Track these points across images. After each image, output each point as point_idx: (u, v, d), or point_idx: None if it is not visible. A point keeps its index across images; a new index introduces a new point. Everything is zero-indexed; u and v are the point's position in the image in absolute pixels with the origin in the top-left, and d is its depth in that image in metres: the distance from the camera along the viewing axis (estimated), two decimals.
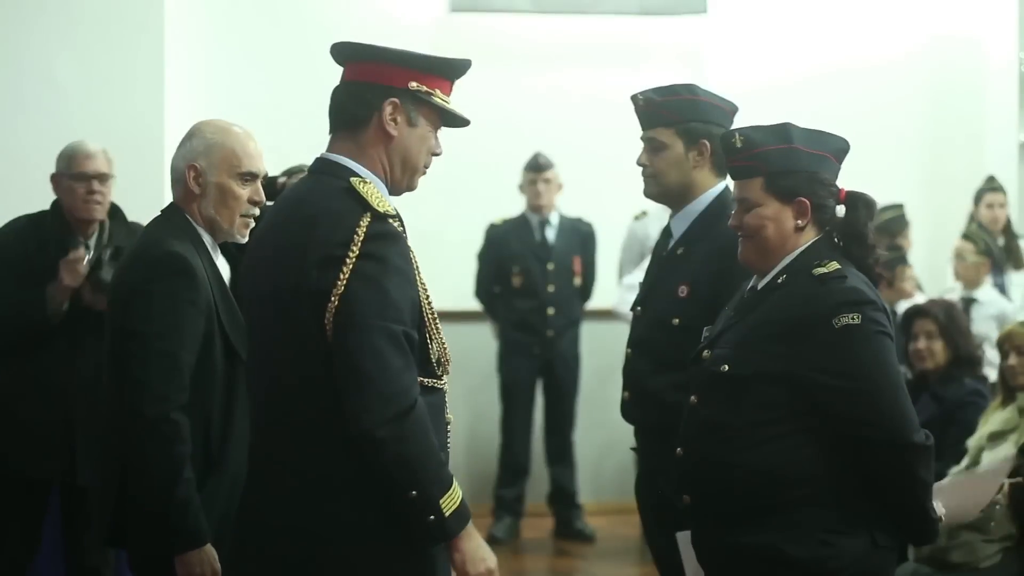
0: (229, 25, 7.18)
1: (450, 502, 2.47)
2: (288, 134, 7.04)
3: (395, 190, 2.68)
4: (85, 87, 6.27)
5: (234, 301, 3.11)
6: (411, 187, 2.70)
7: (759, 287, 2.90)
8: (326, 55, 2.81)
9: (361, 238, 2.46)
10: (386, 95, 2.62)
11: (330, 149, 2.66)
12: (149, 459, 2.93)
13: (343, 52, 2.70)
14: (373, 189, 2.55)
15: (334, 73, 2.90)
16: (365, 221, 2.48)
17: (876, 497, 2.79)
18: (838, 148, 2.90)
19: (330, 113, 2.68)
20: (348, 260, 2.45)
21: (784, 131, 2.86)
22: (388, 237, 2.49)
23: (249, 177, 3.16)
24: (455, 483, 2.51)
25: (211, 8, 7.11)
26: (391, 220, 2.52)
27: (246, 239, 3.15)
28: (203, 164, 3.13)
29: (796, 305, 2.79)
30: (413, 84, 2.63)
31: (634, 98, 3.49)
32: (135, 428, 2.94)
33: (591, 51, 7.61)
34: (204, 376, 3.01)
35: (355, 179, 2.56)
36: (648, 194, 3.52)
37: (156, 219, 3.19)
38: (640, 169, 3.51)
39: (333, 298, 2.45)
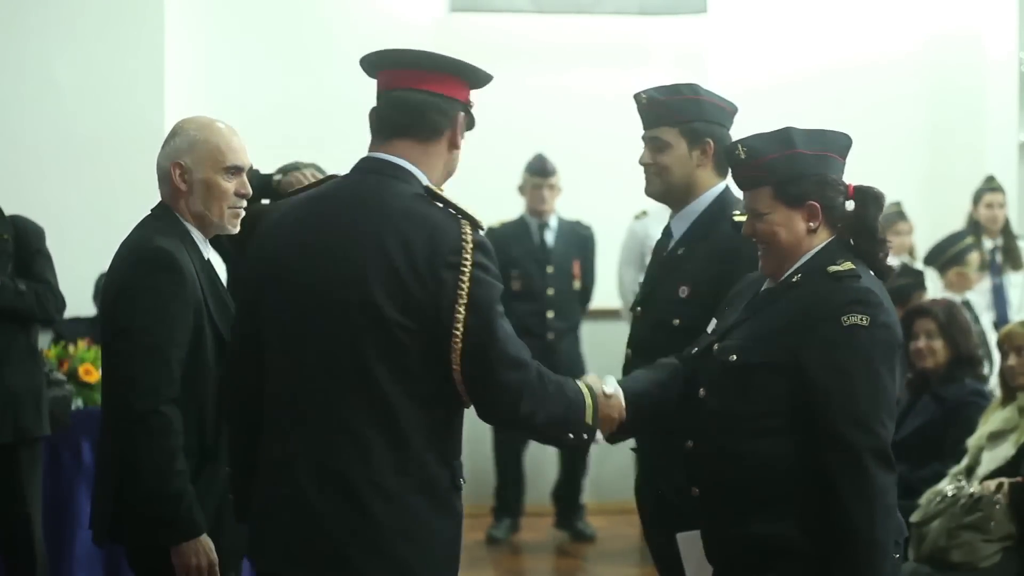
0: (229, 25, 7.18)
1: (588, 417, 2.73)
2: (287, 132, 7.06)
3: None
4: (85, 87, 6.28)
5: (225, 295, 3.15)
6: None
7: (774, 285, 2.90)
8: (325, 55, 2.85)
9: (470, 247, 2.56)
10: (458, 108, 2.72)
11: (392, 151, 2.68)
12: (140, 453, 2.95)
13: (411, 59, 2.72)
14: (454, 197, 2.65)
15: (333, 72, 2.92)
16: (468, 230, 2.58)
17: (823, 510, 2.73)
18: (840, 145, 2.90)
19: (397, 117, 2.69)
20: (464, 270, 2.54)
21: (786, 137, 2.85)
22: (487, 245, 2.61)
23: (234, 170, 3.18)
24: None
25: (211, 8, 7.11)
26: (480, 229, 2.63)
27: (237, 229, 3.21)
28: (188, 161, 3.16)
29: (809, 301, 2.79)
30: (469, 98, 2.75)
31: (637, 97, 3.48)
32: (126, 423, 2.98)
33: (591, 51, 7.62)
34: (196, 369, 3.02)
35: (430, 187, 2.65)
36: (650, 192, 3.51)
37: (145, 218, 3.21)
38: (640, 168, 3.50)
39: (459, 308, 2.52)
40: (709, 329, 3.03)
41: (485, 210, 7.76)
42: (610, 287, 7.13)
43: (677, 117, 3.41)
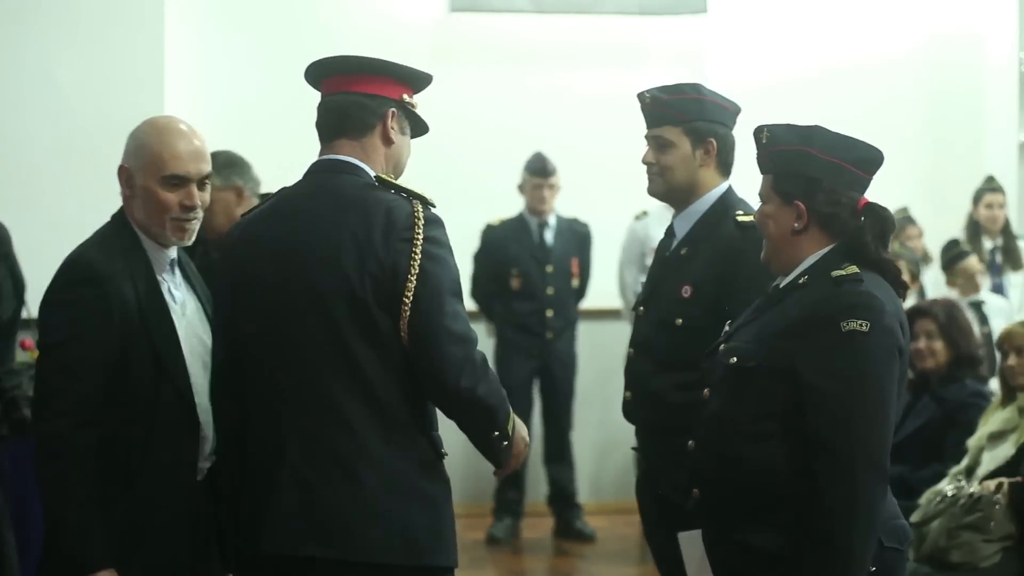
0: (229, 25, 7.18)
1: (510, 426, 2.84)
2: (287, 132, 7.05)
3: None
4: (85, 87, 6.27)
5: (169, 311, 2.91)
6: None
7: (781, 286, 2.89)
8: (326, 55, 2.88)
9: (421, 223, 2.72)
10: (387, 105, 2.87)
11: (335, 152, 2.87)
12: (42, 478, 2.77)
13: (343, 65, 2.90)
14: (404, 182, 2.82)
15: None
16: (419, 207, 2.74)
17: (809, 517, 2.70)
18: (859, 158, 2.85)
19: (331, 120, 2.89)
20: (416, 243, 2.70)
21: (807, 133, 2.84)
22: (439, 221, 2.77)
23: (176, 180, 2.90)
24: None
25: (211, 8, 7.12)
26: (431, 206, 2.79)
27: (186, 242, 2.98)
28: (131, 165, 2.94)
29: (810, 304, 2.77)
30: (405, 96, 2.90)
31: (640, 96, 3.49)
32: (37, 445, 2.79)
33: (591, 51, 7.61)
34: (121, 389, 2.81)
35: (380, 175, 2.83)
36: (653, 192, 3.52)
37: (103, 227, 3.00)
38: (642, 168, 3.50)
39: (411, 278, 2.68)
40: (725, 330, 3.02)
41: (484, 209, 7.75)
42: (609, 287, 7.13)
43: (680, 116, 3.42)
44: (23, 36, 6.26)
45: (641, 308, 3.55)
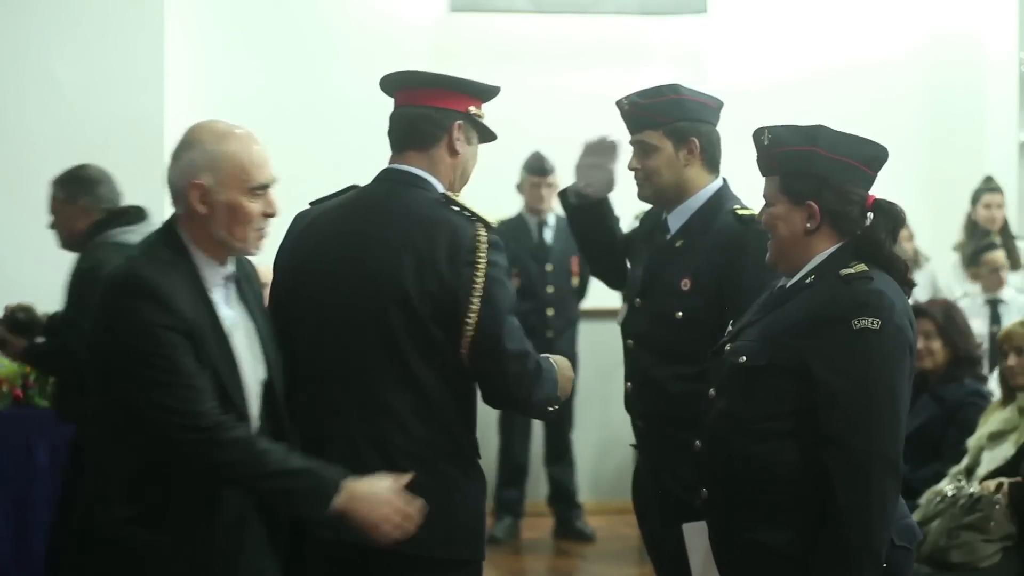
0: (229, 25, 7.18)
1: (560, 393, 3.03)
2: (288, 132, 7.05)
3: None
4: (85, 87, 6.28)
5: (227, 335, 2.77)
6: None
7: (787, 286, 2.89)
8: (326, 55, 2.91)
9: (485, 247, 2.85)
10: (453, 118, 2.99)
11: (404, 162, 2.99)
12: (226, 467, 2.67)
13: (413, 79, 3.02)
14: (468, 202, 2.93)
15: (334, 72, 2.95)
16: (482, 232, 2.87)
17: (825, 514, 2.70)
18: (868, 156, 2.87)
19: (400, 131, 3.01)
20: (479, 267, 2.83)
21: (811, 133, 2.84)
22: (500, 244, 2.91)
23: (261, 191, 2.77)
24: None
25: (211, 8, 7.12)
26: (492, 228, 2.92)
27: (259, 252, 2.88)
28: (209, 181, 2.72)
29: (819, 302, 2.77)
30: (471, 108, 3.02)
31: (619, 103, 3.51)
32: (199, 455, 2.66)
33: (591, 51, 7.61)
34: None
35: (447, 193, 2.95)
36: (642, 197, 3.52)
37: (147, 239, 2.86)
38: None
39: (473, 301, 2.81)
40: (729, 329, 3.02)
41: (484, 208, 7.75)
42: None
43: (660, 119, 3.43)
44: (23, 36, 6.27)
45: (638, 300, 3.54)
